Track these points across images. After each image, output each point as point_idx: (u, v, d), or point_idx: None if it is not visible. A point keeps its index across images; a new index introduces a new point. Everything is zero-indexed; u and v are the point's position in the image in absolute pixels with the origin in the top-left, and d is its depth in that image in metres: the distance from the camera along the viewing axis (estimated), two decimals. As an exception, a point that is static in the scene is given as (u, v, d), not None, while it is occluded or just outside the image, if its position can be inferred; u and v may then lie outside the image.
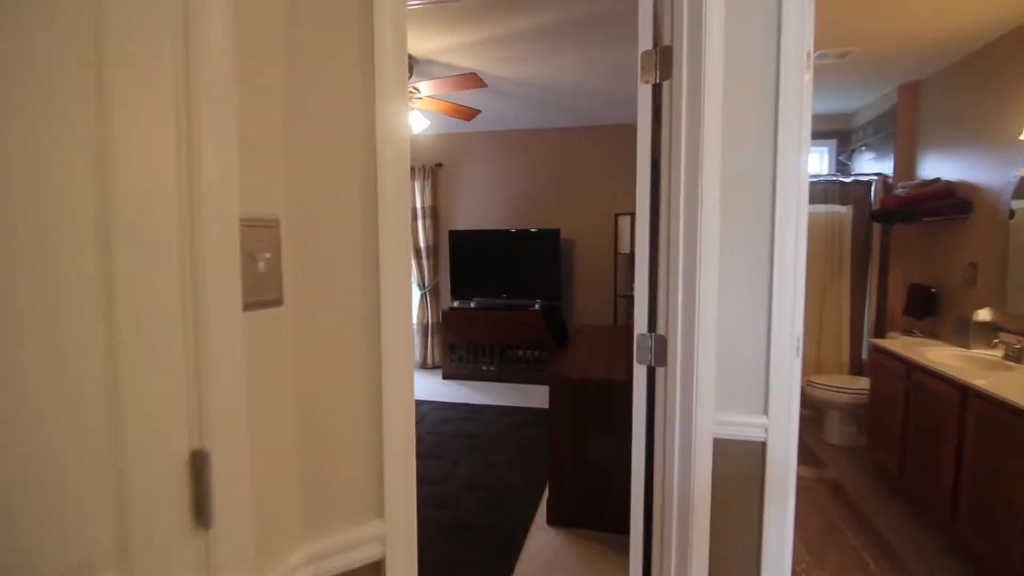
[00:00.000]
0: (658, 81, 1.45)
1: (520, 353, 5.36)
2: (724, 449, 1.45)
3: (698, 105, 1.35)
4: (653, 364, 1.50)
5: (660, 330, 1.48)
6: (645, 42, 1.45)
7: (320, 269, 0.90)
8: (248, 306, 0.76)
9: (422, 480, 3.11)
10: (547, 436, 2.90)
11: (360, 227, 0.92)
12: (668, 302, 1.44)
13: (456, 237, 5.59)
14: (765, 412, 1.43)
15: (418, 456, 3.24)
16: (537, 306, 5.35)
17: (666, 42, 1.42)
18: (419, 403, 4.65)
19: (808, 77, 1.40)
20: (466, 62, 3.41)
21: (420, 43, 3.13)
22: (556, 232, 5.30)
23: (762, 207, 1.39)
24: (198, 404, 0.66)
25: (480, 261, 5.55)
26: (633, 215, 5.06)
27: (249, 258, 0.77)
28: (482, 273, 5.56)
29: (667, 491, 1.46)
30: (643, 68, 1.45)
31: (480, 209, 5.79)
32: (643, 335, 1.51)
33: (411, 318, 1.02)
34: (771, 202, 1.38)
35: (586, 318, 5.58)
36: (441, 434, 3.88)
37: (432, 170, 5.76)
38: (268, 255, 0.81)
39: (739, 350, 1.43)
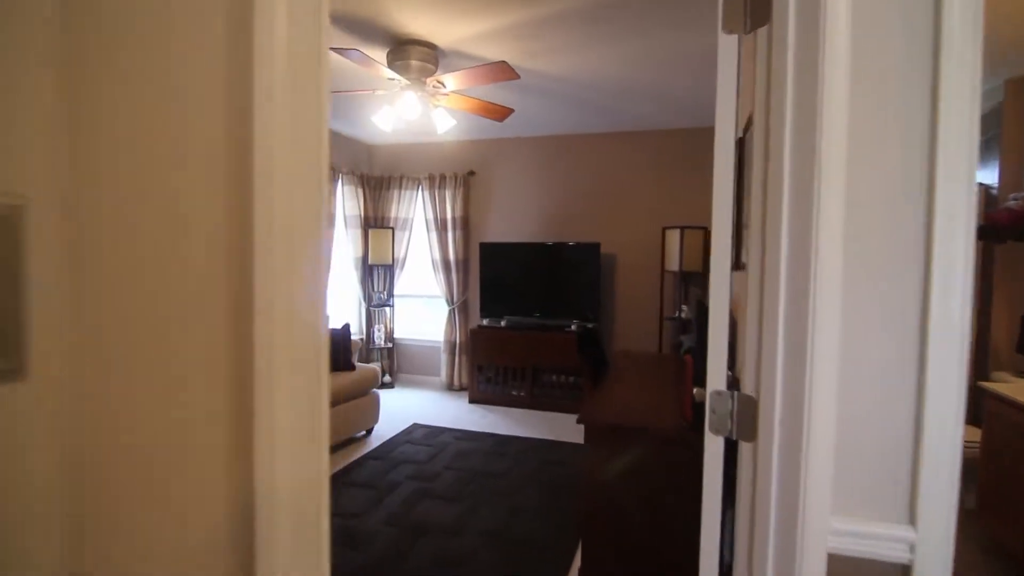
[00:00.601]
0: (748, 30, 1.01)
1: (553, 378, 4.90)
2: (843, 571, 0.97)
3: (813, 65, 0.90)
4: (735, 437, 1.04)
5: (747, 388, 1.02)
6: (730, -26, 1.02)
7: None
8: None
9: (433, 530, 2.69)
10: (579, 490, 2.44)
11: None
12: (762, 349, 0.98)
13: (488, 250, 5.20)
14: (911, 521, 0.95)
15: (434, 496, 2.79)
16: (573, 327, 4.89)
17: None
18: (441, 431, 4.24)
19: (978, 45, 0.92)
20: (497, 54, 3.04)
21: (444, 30, 2.77)
22: (596, 246, 4.85)
23: (908, 228, 0.93)
24: None
25: (513, 276, 5.14)
26: (684, 229, 4.59)
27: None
28: (514, 289, 5.15)
29: (754, 627, 0.99)
30: (726, 10, 1.02)
31: (514, 220, 5.39)
32: (720, 394, 1.05)
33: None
34: (925, 224, 0.92)
35: (627, 343, 5.07)
36: (462, 471, 3.46)
37: (464, 178, 5.41)
38: None
39: (870, 426, 0.96)
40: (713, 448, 1.07)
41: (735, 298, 1.57)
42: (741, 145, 1.01)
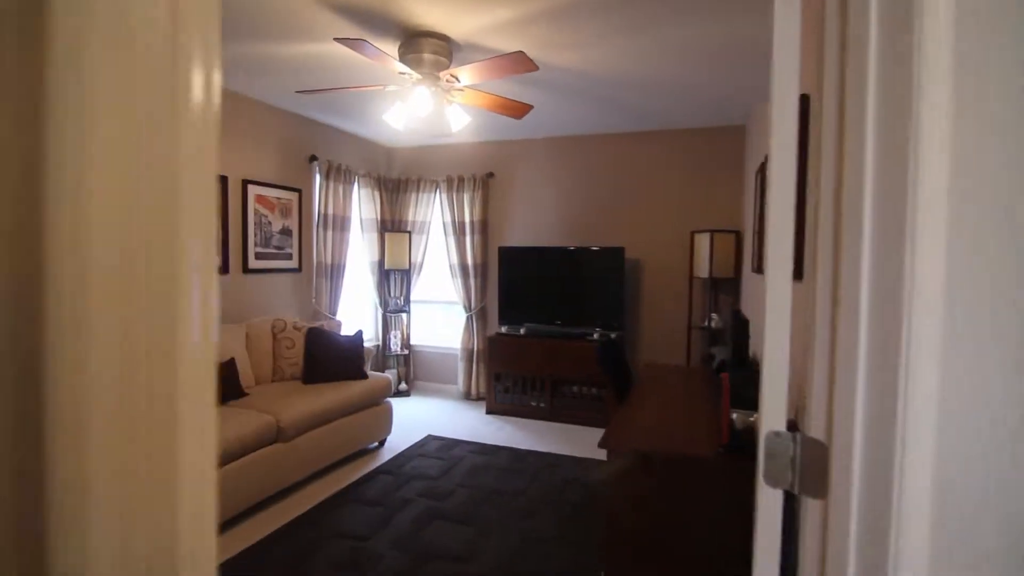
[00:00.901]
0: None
1: (575, 389, 4.67)
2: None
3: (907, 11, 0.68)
4: (797, 491, 0.83)
5: (814, 430, 0.80)
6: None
7: None
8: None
9: (443, 555, 2.50)
10: (604, 519, 2.22)
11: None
12: (835, 382, 0.76)
13: (507, 254, 5.01)
14: (1042, 614, 0.71)
15: (444, 518, 2.59)
16: (596, 336, 4.66)
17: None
18: (457, 443, 4.06)
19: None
20: (514, 47, 2.85)
21: (458, 21, 2.60)
22: (620, 251, 4.62)
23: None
24: None
25: (532, 282, 4.94)
26: (713, 232, 4.33)
27: None
28: (534, 296, 4.94)
29: None
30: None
31: (534, 224, 5.20)
32: (779, 435, 0.83)
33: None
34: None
35: (653, 354, 4.81)
36: (475, 488, 3.26)
37: (483, 180, 5.24)
38: None
39: (983, 486, 0.73)
40: (769, 503, 0.85)
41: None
42: (804, 119, 0.80)
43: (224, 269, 3.82)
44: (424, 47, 2.72)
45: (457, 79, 2.78)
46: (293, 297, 4.50)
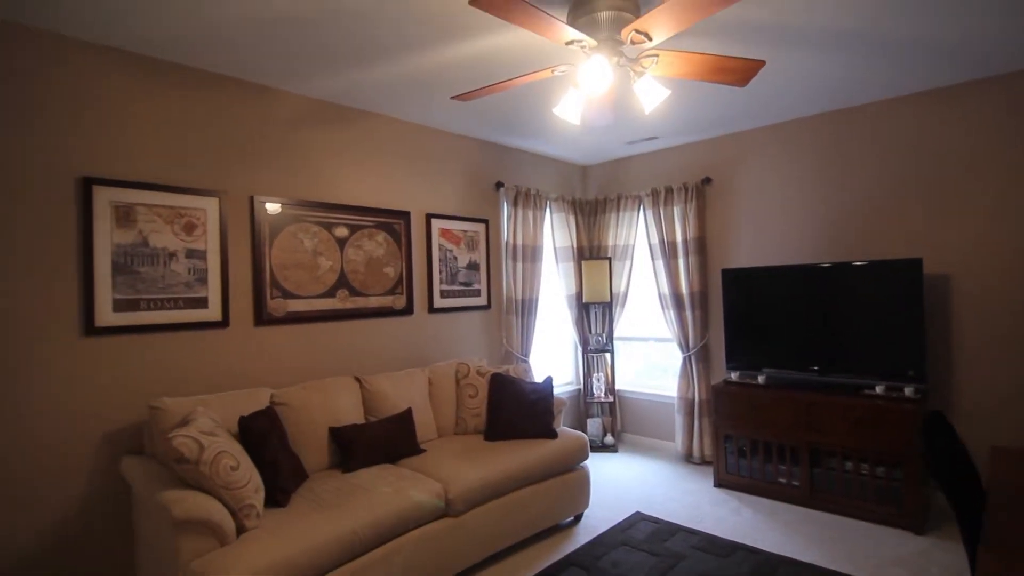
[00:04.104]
0: None
1: (848, 465, 3.26)
2: None
3: None
4: None
5: None
6: None
7: None
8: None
9: None
10: None
11: None
12: None
13: (733, 278, 3.88)
14: None
15: None
16: (879, 390, 3.22)
17: None
18: (675, 530, 3.07)
19: None
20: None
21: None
22: (915, 264, 3.14)
23: None
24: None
25: (773, 313, 3.71)
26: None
27: None
28: (776, 332, 3.69)
29: None
30: None
31: (770, 237, 3.97)
32: None
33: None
34: None
35: (984, 420, 3.12)
36: (701, 615, 2.26)
37: (697, 188, 4.24)
38: None
39: None
40: None
41: None
42: None
43: (408, 309, 3.59)
44: (599, 2, 2.01)
45: (647, 36, 1.98)
46: (482, 337, 4.11)
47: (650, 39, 2.01)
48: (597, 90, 2.08)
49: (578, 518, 3.26)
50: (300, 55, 2.58)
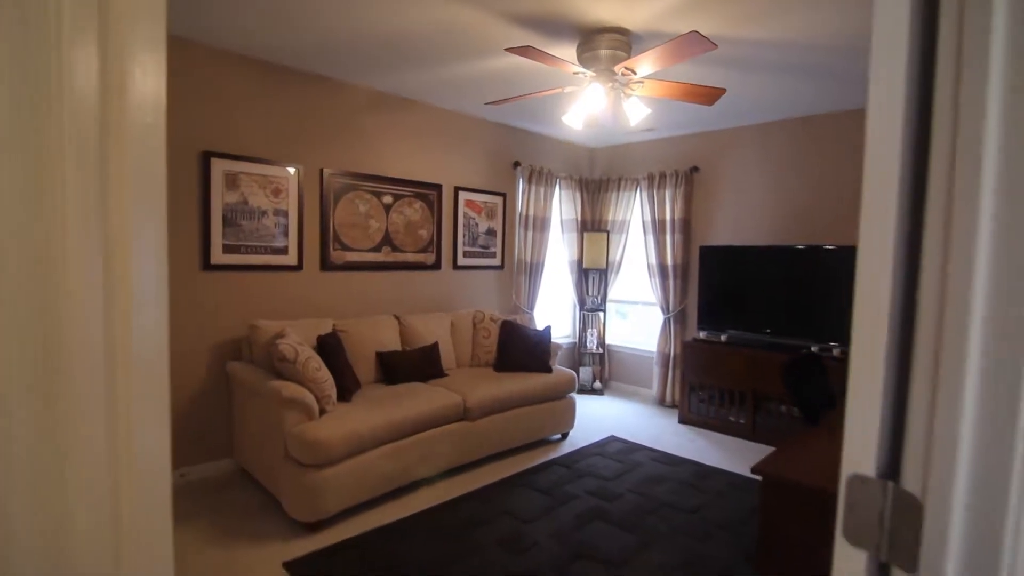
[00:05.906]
0: None
1: (783, 408, 4.08)
2: None
3: None
4: (883, 557, 0.61)
5: (909, 482, 0.59)
6: None
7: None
8: None
9: (596, 557, 2.47)
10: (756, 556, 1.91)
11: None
12: (935, 415, 0.55)
13: (709, 254, 4.63)
14: None
15: (607, 520, 2.61)
16: (813, 349, 3.99)
17: None
18: (639, 448, 3.93)
19: None
20: (701, 25, 2.63)
21: (632, 11, 2.51)
22: (851, 250, 3.87)
23: None
24: None
25: (740, 285, 4.47)
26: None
27: None
28: (740, 300, 4.47)
29: None
30: None
31: (744, 221, 4.69)
32: (864, 482, 0.63)
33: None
34: None
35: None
36: (647, 497, 3.12)
37: (685, 175, 4.94)
38: None
39: None
40: (848, 565, 0.64)
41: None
42: None
43: (437, 265, 4.38)
44: (600, 43, 2.70)
45: (633, 71, 2.69)
46: (495, 292, 4.91)
47: (636, 72, 2.71)
48: (594, 108, 2.80)
49: (564, 436, 4.13)
50: (381, 60, 3.29)
